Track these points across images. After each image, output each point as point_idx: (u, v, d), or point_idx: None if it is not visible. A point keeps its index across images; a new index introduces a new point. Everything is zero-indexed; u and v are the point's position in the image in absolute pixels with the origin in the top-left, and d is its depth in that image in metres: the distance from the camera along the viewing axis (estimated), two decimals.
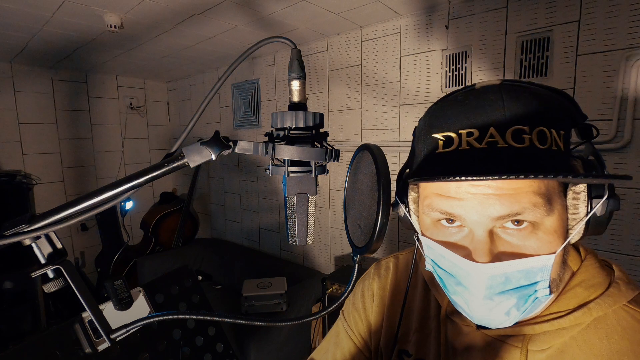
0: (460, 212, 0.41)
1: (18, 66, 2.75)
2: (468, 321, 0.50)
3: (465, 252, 0.42)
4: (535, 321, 0.46)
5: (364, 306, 0.67)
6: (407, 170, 0.54)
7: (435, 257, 0.47)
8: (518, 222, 0.40)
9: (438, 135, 0.42)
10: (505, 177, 0.34)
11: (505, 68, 1.62)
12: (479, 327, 0.50)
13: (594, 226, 0.42)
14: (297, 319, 0.45)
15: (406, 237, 2.05)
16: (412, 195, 0.52)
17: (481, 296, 0.41)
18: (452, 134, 0.41)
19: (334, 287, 1.98)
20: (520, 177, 0.34)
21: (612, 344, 0.42)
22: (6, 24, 1.89)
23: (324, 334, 2.06)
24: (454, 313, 0.53)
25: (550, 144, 0.39)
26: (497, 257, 0.41)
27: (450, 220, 0.44)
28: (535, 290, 0.42)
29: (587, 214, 0.41)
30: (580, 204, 0.42)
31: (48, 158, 2.95)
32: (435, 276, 0.49)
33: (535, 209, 0.39)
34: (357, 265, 0.43)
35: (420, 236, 0.49)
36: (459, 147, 0.40)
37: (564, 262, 0.44)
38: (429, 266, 0.49)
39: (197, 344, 0.72)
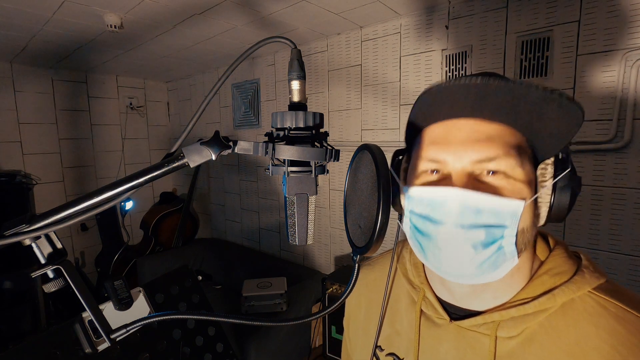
0: (446, 156, 0.45)
1: (18, 66, 2.75)
2: (442, 314, 0.52)
3: (445, 184, 0.45)
4: (504, 307, 0.48)
5: (348, 317, 0.71)
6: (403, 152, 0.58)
7: (416, 204, 0.48)
8: (493, 173, 0.44)
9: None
10: (479, 81, 0.39)
11: (505, 68, 1.62)
12: (452, 319, 0.51)
13: (559, 202, 0.45)
14: (297, 319, 0.45)
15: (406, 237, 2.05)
16: (404, 165, 0.55)
17: (453, 223, 0.43)
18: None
19: (334, 287, 1.98)
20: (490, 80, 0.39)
21: (579, 329, 0.44)
22: (6, 24, 1.89)
23: (324, 334, 2.06)
24: (427, 307, 0.54)
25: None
26: (474, 187, 0.43)
27: (435, 172, 0.47)
28: (502, 237, 0.43)
29: (553, 181, 0.45)
30: (547, 173, 0.46)
31: (48, 158, 2.95)
32: (411, 233, 0.50)
33: (508, 158, 0.43)
34: (357, 265, 0.43)
35: (404, 187, 0.52)
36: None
37: (534, 225, 0.46)
38: (407, 221, 0.50)
39: (197, 344, 0.72)
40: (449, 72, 1.78)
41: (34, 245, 0.40)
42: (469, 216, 0.43)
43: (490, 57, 1.66)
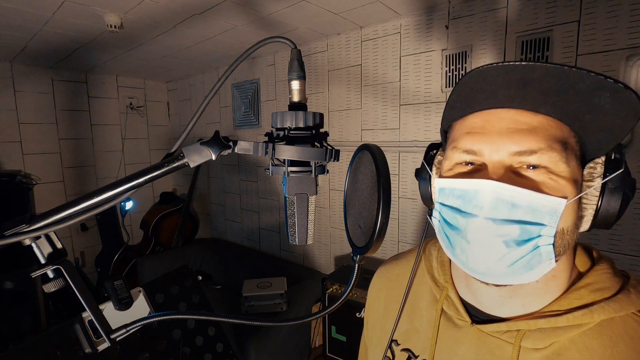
0: (482, 146, 0.42)
1: (18, 66, 2.75)
2: (463, 315, 0.50)
3: (480, 176, 0.42)
4: (532, 316, 0.45)
5: (368, 309, 0.70)
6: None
7: (447, 196, 0.45)
8: (534, 168, 0.41)
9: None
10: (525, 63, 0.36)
11: None
12: (474, 322, 0.49)
13: (607, 206, 0.41)
14: (297, 319, 0.45)
15: (406, 237, 2.05)
16: (437, 159, 0.54)
17: (484, 216, 0.40)
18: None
19: (334, 287, 1.98)
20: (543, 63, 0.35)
21: (616, 352, 0.40)
22: (6, 24, 1.89)
23: (324, 334, 2.06)
24: (449, 306, 0.53)
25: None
26: (511, 182, 0.40)
27: (470, 164, 0.45)
28: (539, 235, 0.40)
29: (602, 181, 0.41)
30: (596, 173, 0.42)
31: (48, 158, 2.95)
32: (440, 226, 0.48)
33: (552, 152, 0.40)
34: (357, 265, 0.43)
35: (435, 179, 0.49)
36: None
37: (576, 228, 0.43)
38: (436, 214, 0.48)
39: (197, 344, 0.72)
40: (449, 72, 1.78)
41: (34, 245, 0.40)
42: (502, 210, 0.40)
43: (490, 57, 1.66)
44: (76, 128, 3.11)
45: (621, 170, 0.40)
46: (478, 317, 0.50)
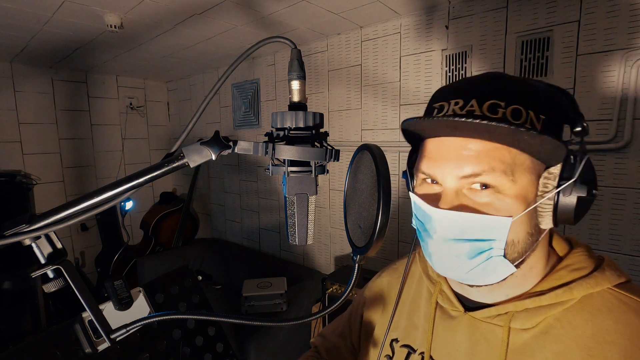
0: (436, 171, 0.48)
1: (18, 66, 2.75)
2: (457, 306, 0.54)
3: (434, 203, 0.48)
4: (518, 298, 0.49)
5: (364, 304, 0.73)
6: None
7: (416, 210, 0.52)
8: (485, 187, 0.45)
9: (435, 105, 0.49)
10: (459, 119, 0.41)
11: (505, 68, 1.62)
12: (466, 310, 0.53)
13: (562, 210, 0.45)
14: (297, 319, 0.45)
15: (406, 237, 2.05)
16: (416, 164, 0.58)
17: (439, 238, 0.47)
18: (444, 103, 0.48)
19: (334, 287, 1.98)
20: (475, 120, 0.40)
21: (596, 324, 0.44)
22: (6, 24, 1.89)
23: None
24: (444, 299, 0.56)
25: (524, 122, 0.43)
26: (459, 208, 0.46)
27: (434, 181, 0.50)
28: (491, 248, 0.45)
29: (555, 192, 0.44)
30: (549, 183, 0.45)
31: (48, 158, 2.95)
32: (416, 230, 0.54)
33: (495, 173, 0.44)
34: (357, 265, 0.43)
35: (410, 193, 0.55)
36: (446, 113, 0.47)
37: (531, 234, 0.47)
38: (414, 220, 0.54)
39: (197, 344, 0.72)
40: (449, 72, 1.78)
41: (34, 245, 0.40)
42: (452, 233, 0.46)
43: (490, 57, 1.66)
44: (76, 128, 3.11)
45: (573, 180, 0.44)
46: (470, 306, 0.54)
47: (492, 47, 1.65)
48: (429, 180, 0.50)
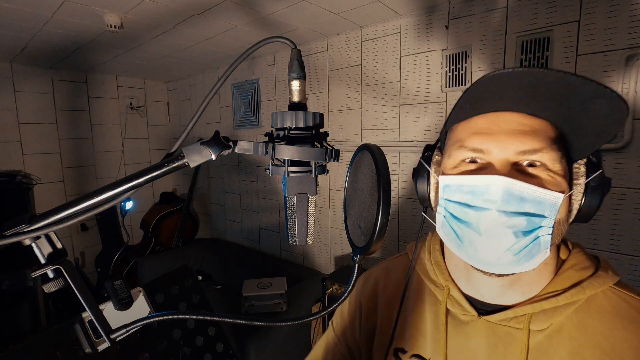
0: (490, 145, 0.46)
1: (18, 66, 2.75)
2: (469, 310, 0.52)
3: (487, 172, 0.46)
4: (534, 300, 0.49)
5: (353, 316, 0.69)
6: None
7: (452, 193, 0.48)
8: (534, 165, 0.45)
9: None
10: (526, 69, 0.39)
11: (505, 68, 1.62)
12: (480, 314, 0.51)
13: (589, 202, 0.46)
14: (297, 319, 0.45)
15: (406, 237, 2.05)
16: (435, 159, 0.55)
17: (496, 209, 0.44)
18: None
19: (334, 287, 1.98)
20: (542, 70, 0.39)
21: (604, 322, 0.46)
22: (6, 24, 1.89)
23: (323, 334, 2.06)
24: (453, 304, 0.54)
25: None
26: (518, 177, 0.44)
27: (473, 162, 0.48)
28: (541, 226, 0.44)
29: (586, 180, 0.46)
30: (580, 173, 0.47)
31: (48, 158, 2.95)
32: (446, 222, 0.50)
33: (551, 152, 0.45)
34: (357, 265, 0.43)
35: (440, 176, 0.52)
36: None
37: (568, 219, 0.48)
38: (441, 210, 0.51)
39: (197, 344, 0.72)
40: (449, 72, 1.78)
41: (34, 245, 0.40)
42: (513, 203, 0.44)
43: (490, 57, 1.66)
44: (76, 128, 3.11)
45: (601, 171, 0.46)
46: (483, 309, 0.52)
47: (492, 47, 1.65)
48: (471, 161, 0.49)
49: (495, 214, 0.44)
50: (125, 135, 3.41)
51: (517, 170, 0.45)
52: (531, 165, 0.45)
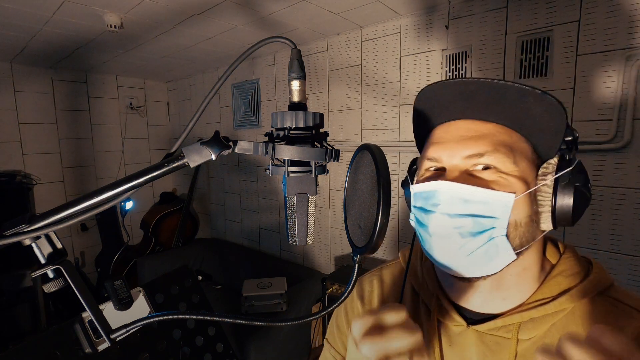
0: (441, 153, 0.49)
1: (18, 66, 2.75)
2: (458, 320, 0.52)
3: (439, 179, 0.48)
4: (522, 309, 0.48)
5: (349, 325, 0.65)
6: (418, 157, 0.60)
7: (416, 198, 0.51)
8: (486, 168, 0.46)
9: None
10: (474, 78, 0.44)
11: (505, 68, 1.62)
12: (469, 324, 0.51)
13: (561, 203, 0.45)
14: (297, 319, 0.45)
15: (406, 237, 2.05)
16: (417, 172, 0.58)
17: (441, 212, 0.46)
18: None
19: (334, 287, 1.98)
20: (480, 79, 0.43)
21: (588, 327, 0.45)
22: (6, 24, 1.89)
23: (323, 334, 2.06)
24: (444, 315, 0.54)
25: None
26: (463, 181, 0.46)
27: (437, 169, 0.51)
28: (493, 227, 0.45)
29: (553, 177, 0.46)
30: (548, 172, 0.47)
31: (48, 158, 2.95)
32: (415, 226, 0.53)
33: (497, 153, 0.45)
34: (357, 265, 0.43)
35: (411, 187, 0.54)
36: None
37: (532, 221, 0.47)
38: (412, 216, 0.54)
39: (197, 344, 0.72)
40: (449, 72, 1.78)
41: (34, 245, 0.40)
42: (456, 206, 0.45)
43: (490, 57, 1.66)
44: (76, 128, 3.11)
45: (570, 168, 0.45)
46: (472, 318, 0.52)
47: (492, 47, 1.65)
48: (432, 169, 0.51)
49: (440, 216, 0.46)
50: (125, 135, 3.41)
51: (467, 175, 0.47)
52: (486, 168, 0.46)
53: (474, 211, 0.45)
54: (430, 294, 0.57)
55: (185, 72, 3.22)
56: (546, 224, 0.47)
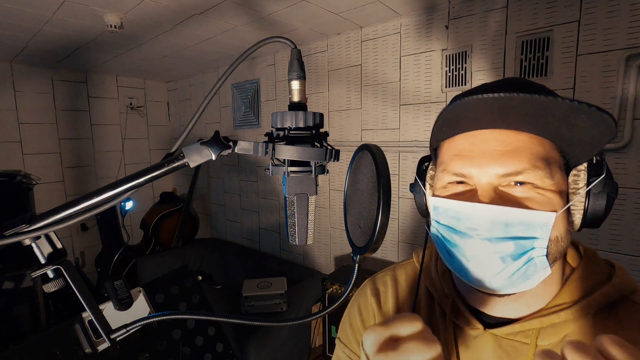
0: (471, 170, 0.45)
1: (18, 66, 2.75)
2: (475, 324, 0.50)
3: (472, 199, 0.45)
4: (542, 314, 0.47)
5: (364, 324, 0.65)
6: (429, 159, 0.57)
7: (442, 214, 0.48)
8: (521, 184, 0.43)
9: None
10: (504, 94, 0.37)
11: (505, 68, 1.62)
12: (486, 327, 0.49)
13: (594, 208, 0.43)
14: (297, 319, 0.45)
15: (406, 237, 2.05)
16: (429, 173, 0.55)
17: (480, 237, 0.43)
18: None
19: (334, 287, 1.98)
20: (516, 94, 0.37)
21: (621, 334, 0.42)
22: (6, 24, 1.89)
23: (324, 334, 2.06)
24: (459, 318, 0.52)
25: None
26: (500, 203, 0.43)
27: (461, 183, 0.47)
28: (533, 248, 0.42)
29: (587, 188, 0.43)
30: (580, 180, 0.44)
31: (48, 158, 2.95)
32: (439, 242, 0.50)
33: (536, 170, 0.42)
34: (357, 265, 0.43)
35: (430, 197, 0.51)
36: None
37: (569, 233, 0.45)
38: (434, 229, 0.50)
39: (197, 344, 0.72)
40: (449, 72, 1.78)
41: (34, 245, 0.40)
42: (497, 230, 0.43)
43: (490, 57, 1.66)
44: (76, 128, 3.11)
45: (603, 176, 0.43)
46: (489, 322, 0.50)
47: (492, 47, 1.65)
48: (455, 182, 0.47)
49: (479, 242, 0.43)
50: (125, 135, 3.41)
51: (503, 194, 0.44)
52: (520, 183, 0.43)
53: (514, 234, 0.42)
54: (445, 296, 0.55)
55: (185, 72, 3.22)
56: (574, 228, 0.46)
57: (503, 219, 0.42)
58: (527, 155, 0.43)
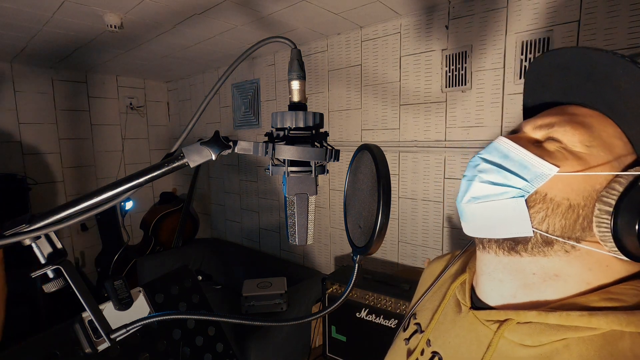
0: (523, 124, 0.49)
1: (18, 66, 2.75)
2: (466, 300, 0.51)
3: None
4: (524, 306, 0.43)
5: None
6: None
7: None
8: (552, 140, 0.44)
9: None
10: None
11: (505, 68, 1.62)
12: (472, 307, 0.49)
13: (622, 227, 0.36)
14: (297, 319, 0.45)
15: (406, 237, 2.05)
16: None
17: (480, 154, 0.48)
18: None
19: (334, 287, 1.98)
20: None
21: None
22: (6, 24, 1.89)
23: (324, 334, 2.06)
24: (460, 290, 0.54)
25: None
26: (517, 141, 0.45)
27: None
28: (516, 187, 0.42)
29: (628, 187, 0.38)
30: (620, 182, 0.39)
31: (48, 158, 2.95)
32: None
33: (567, 127, 0.43)
34: (357, 265, 0.43)
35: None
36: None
37: (578, 215, 0.40)
38: None
39: (197, 344, 0.72)
40: (449, 72, 1.78)
41: (34, 245, 0.40)
42: (494, 155, 0.46)
43: (490, 57, 1.66)
44: (76, 128, 3.11)
45: None
46: (479, 305, 0.50)
47: (492, 47, 1.65)
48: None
49: (476, 158, 0.47)
50: (125, 135, 3.41)
51: (531, 142, 0.46)
52: (552, 140, 0.44)
53: (507, 166, 0.43)
54: (469, 271, 0.56)
55: (185, 72, 3.22)
56: (607, 245, 0.39)
57: (505, 151, 0.45)
58: (568, 117, 0.44)
